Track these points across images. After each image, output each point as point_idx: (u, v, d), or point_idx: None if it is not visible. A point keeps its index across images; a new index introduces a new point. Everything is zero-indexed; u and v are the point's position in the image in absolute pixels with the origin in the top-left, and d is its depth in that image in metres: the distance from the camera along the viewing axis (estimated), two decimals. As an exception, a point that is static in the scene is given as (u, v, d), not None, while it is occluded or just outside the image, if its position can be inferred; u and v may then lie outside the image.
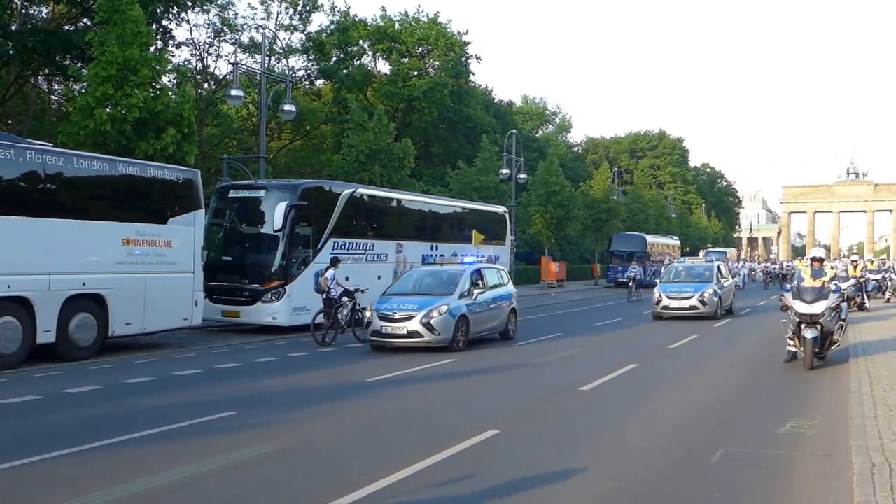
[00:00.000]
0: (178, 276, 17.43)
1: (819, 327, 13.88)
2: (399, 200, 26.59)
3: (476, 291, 18.24)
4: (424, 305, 17.07)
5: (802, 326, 13.94)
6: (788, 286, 14.89)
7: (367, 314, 17.65)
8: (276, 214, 20.16)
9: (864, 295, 29.61)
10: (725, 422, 10.19)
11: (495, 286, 19.63)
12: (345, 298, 18.93)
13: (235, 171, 28.45)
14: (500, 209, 34.12)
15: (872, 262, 38.08)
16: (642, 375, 13.99)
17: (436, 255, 27.05)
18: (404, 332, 16.87)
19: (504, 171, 45.37)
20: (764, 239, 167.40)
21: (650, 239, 59.47)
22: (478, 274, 18.96)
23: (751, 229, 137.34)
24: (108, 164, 16.53)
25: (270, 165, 39.19)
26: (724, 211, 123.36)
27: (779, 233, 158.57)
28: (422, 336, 16.78)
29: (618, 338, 20.74)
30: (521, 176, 47.42)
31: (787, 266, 62.73)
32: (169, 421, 9.67)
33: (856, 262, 32.06)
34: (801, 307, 13.91)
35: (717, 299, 25.50)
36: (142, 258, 16.67)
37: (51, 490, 6.94)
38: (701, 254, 70.46)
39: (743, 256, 72.98)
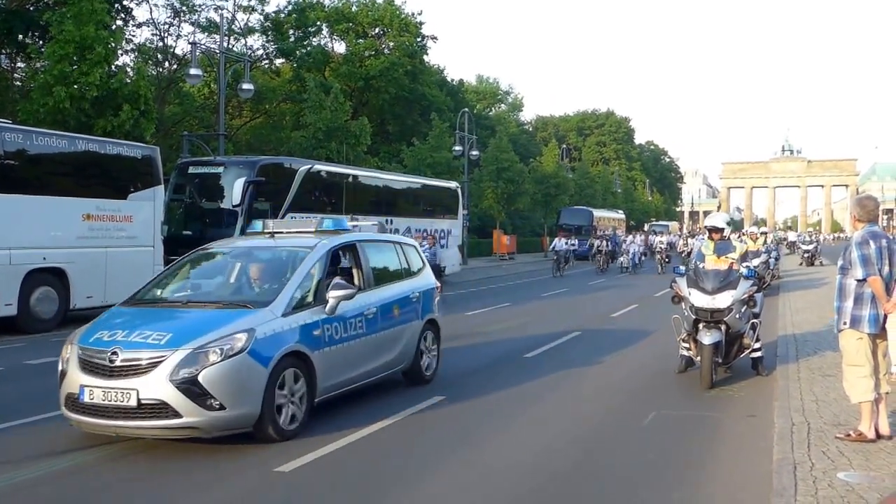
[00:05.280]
0: (139, 249, 17.64)
1: (724, 328, 10.11)
2: (355, 176, 26.96)
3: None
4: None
5: (700, 326, 10.14)
6: (682, 268, 11.03)
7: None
8: (234, 190, 20.31)
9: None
10: (659, 386, 10.46)
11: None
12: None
13: (196, 148, 28.56)
14: (453, 184, 34.65)
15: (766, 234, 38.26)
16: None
17: (391, 231, 27.27)
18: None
19: (457, 148, 46.05)
20: (705, 213, 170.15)
21: (597, 213, 60.94)
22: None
23: (692, 204, 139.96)
24: (67, 141, 16.71)
25: (231, 143, 39.19)
26: (667, 186, 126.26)
27: (718, 207, 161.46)
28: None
29: (562, 305, 21.22)
30: (474, 153, 48.18)
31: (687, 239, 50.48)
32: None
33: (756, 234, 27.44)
34: (699, 299, 10.11)
35: (252, 379, 7.16)
36: (102, 233, 16.91)
37: (10, 457, 7.01)
38: (646, 227, 70.63)
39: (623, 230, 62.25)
